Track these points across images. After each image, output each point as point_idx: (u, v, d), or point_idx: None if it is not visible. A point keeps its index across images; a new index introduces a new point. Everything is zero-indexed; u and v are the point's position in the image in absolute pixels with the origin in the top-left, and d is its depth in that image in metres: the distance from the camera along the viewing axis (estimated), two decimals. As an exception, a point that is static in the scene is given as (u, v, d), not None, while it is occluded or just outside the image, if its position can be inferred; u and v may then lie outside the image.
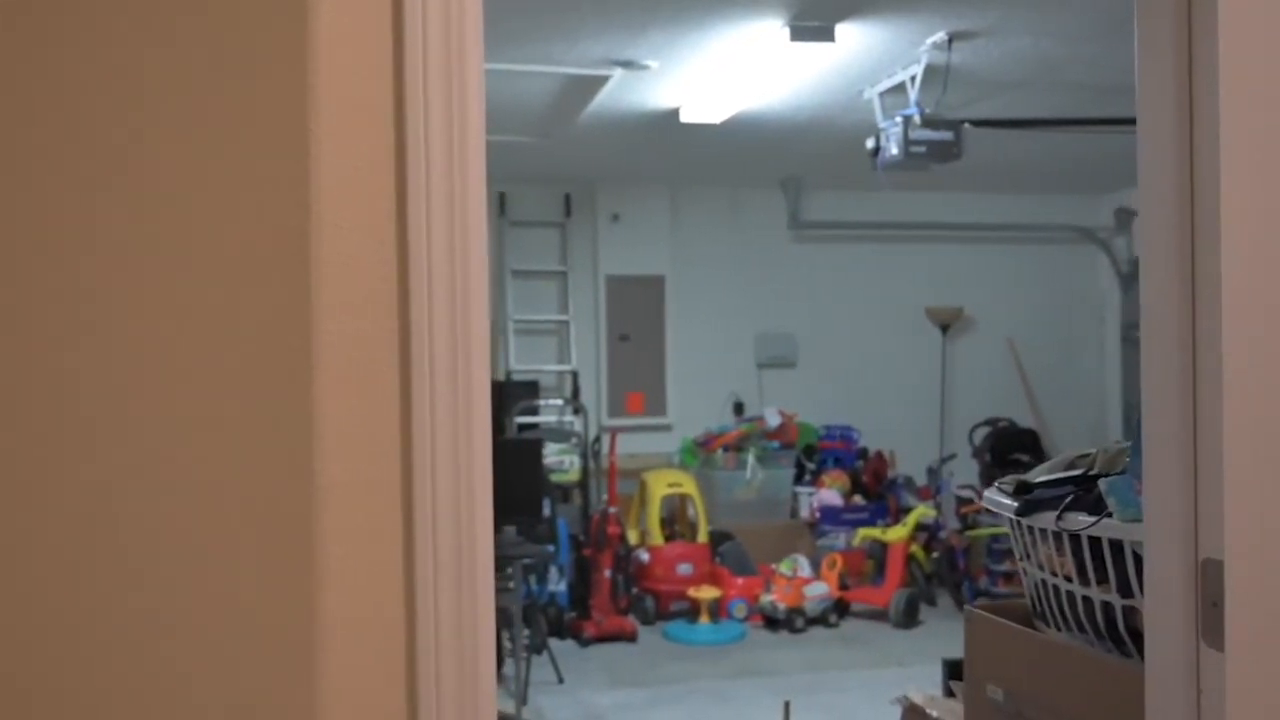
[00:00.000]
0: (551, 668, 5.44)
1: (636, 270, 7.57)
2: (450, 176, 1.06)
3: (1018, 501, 1.82)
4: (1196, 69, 1.32)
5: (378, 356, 1.08)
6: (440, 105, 1.08)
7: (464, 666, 1.06)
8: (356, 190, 1.07)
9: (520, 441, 5.17)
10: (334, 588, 1.06)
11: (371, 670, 1.07)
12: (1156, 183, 1.38)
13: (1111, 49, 4.44)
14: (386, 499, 1.07)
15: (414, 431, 1.06)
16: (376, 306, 1.08)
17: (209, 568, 1.06)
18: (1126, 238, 8.13)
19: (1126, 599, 1.65)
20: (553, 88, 4.87)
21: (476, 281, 1.08)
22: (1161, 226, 1.37)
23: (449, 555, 1.06)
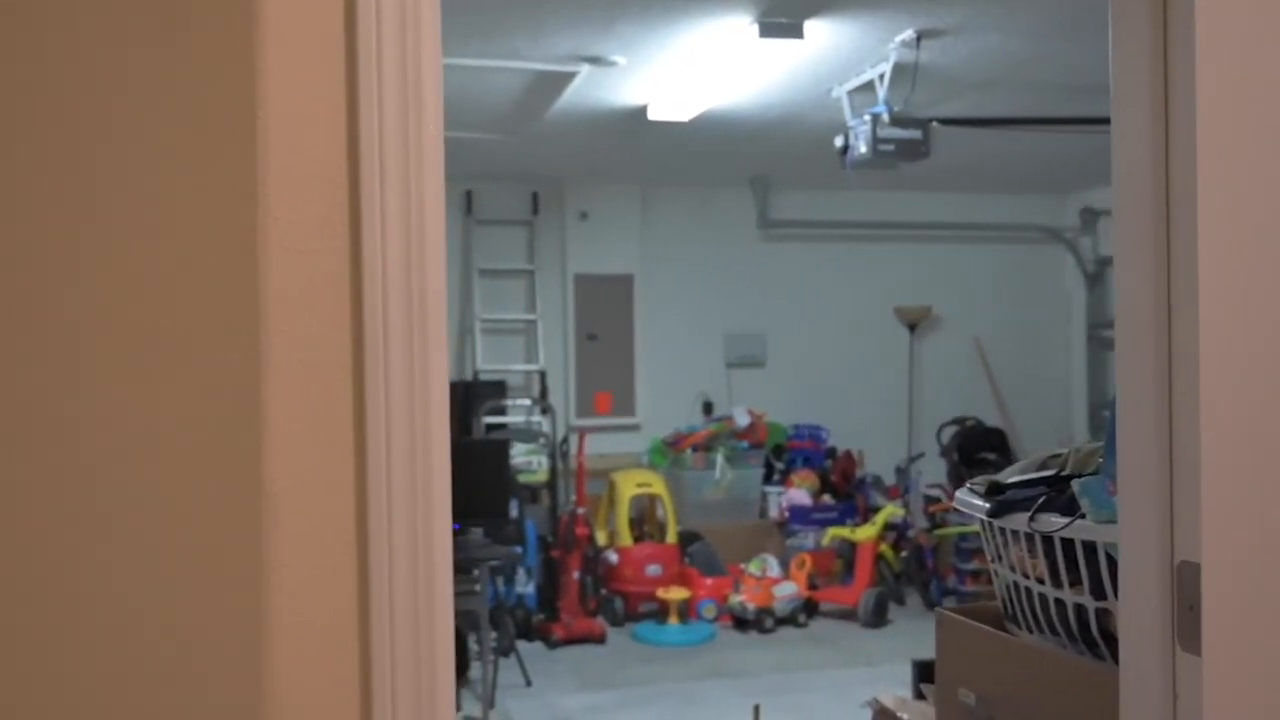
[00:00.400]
0: (519, 670, 5.39)
1: (605, 269, 7.52)
2: (406, 167, 1.02)
3: (990, 503, 1.80)
4: (1171, 64, 1.30)
5: (330, 357, 1.03)
6: (395, 95, 1.03)
7: (420, 677, 1.01)
8: (306, 184, 1.02)
9: (486, 442, 5.12)
10: (284, 596, 1.01)
11: (324, 680, 1.02)
12: (1131, 180, 1.36)
13: (1079, 48, 4.45)
14: (340, 504, 1.03)
15: (368, 434, 1.02)
16: (329, 305, 1.03)
17: (152, 577, 1.01)
18: (1092, 237, 8.19)
19: (1099, 601, 1.63)
20: (519, 84, 4.81)
21: (434, 279, 1.04)
22: (1136, 224, 1.35)
23: (405, 562, 1.02)
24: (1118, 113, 1.37)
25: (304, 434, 1.01)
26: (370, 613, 1.02)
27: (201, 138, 1.01)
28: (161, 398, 1.00)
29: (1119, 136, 1.37)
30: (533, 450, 6.74)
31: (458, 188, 7.30)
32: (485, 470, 4.60)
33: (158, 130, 1.01)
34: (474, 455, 4.66)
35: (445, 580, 1.04)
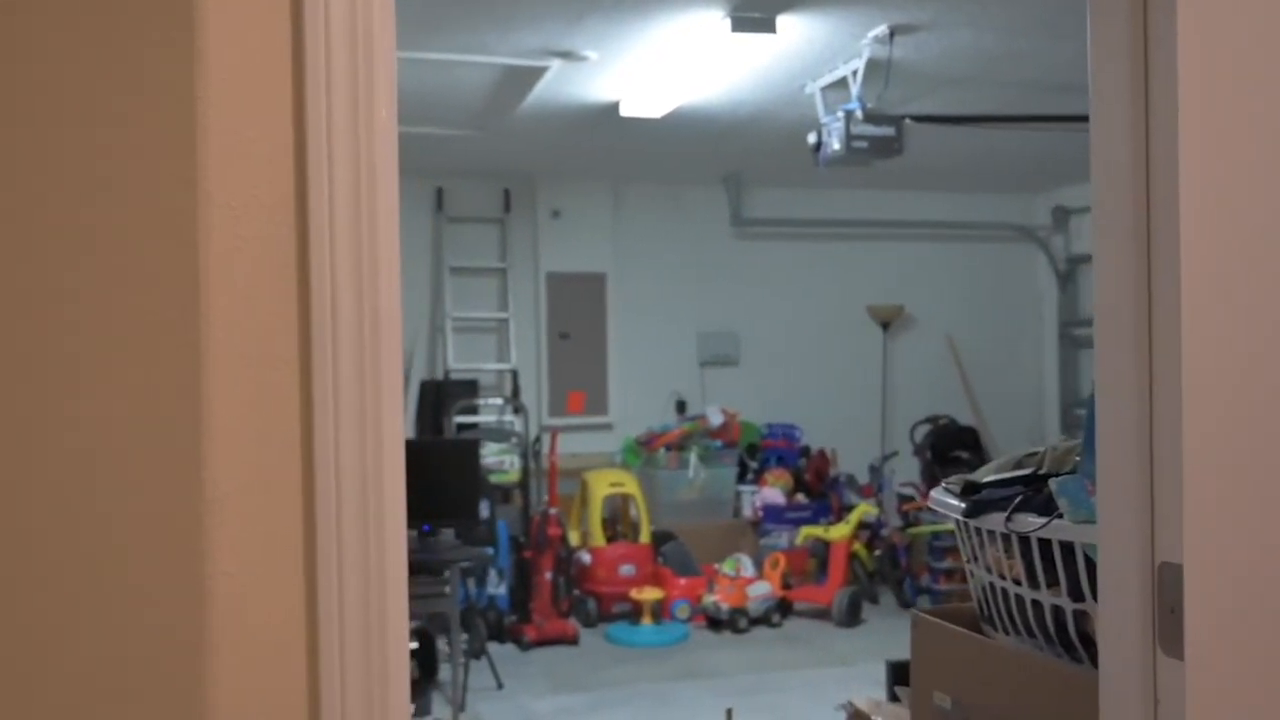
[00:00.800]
0: (491, 672, 5.33)
1: (577, 267, 7.47)
2: (356, 152, 0.96)
3: (965, 502, 1.76)
4: (1152, 57, 1.26)
5: (276, 352, 0.97)
6: (344, 75, 0.98)
7: (372, 691, 0.96)
8: (250, 169, 0.97)
9: (455, 442, 5.06)
10: (227, 606, 0.95)
11: (269, 695, 0.96)
12: (1110, 174, 1.32)
13: (1052, 45, 4.44)
14: (286, 509, 0.97)
15: (315, 435, 0.96)
16: (275, 298, 0.97)
17: (84, 587, 0.95)
18: (1064, 236, 8.21)
19: (1078, 603, 1.59)
20: (489, 79, 4.75)
21: (388, 270, 0.99)
22: (1115, 221, 1.31)
23: (355, 571, 0.97)
24: (1097, 106, 1.34)
25: (248, 434, 0.96)
26: (319, 624, 0.96)
27: (137, 119, 0.96)
28: (95, 395, 0.94)
29: (1098, 129, 1.34)
30: (505, 450, 6.67)
31: (428, 184, 7.23)
32: (455, 470, 4.54)
33: (89, 110, 0.95)
34: (443, 455, 4.59)
35: (399, 589, 0.99)
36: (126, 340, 0.95)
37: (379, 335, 0.98)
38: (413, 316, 7.22)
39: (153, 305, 0.95)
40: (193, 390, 0.95)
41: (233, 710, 0.95)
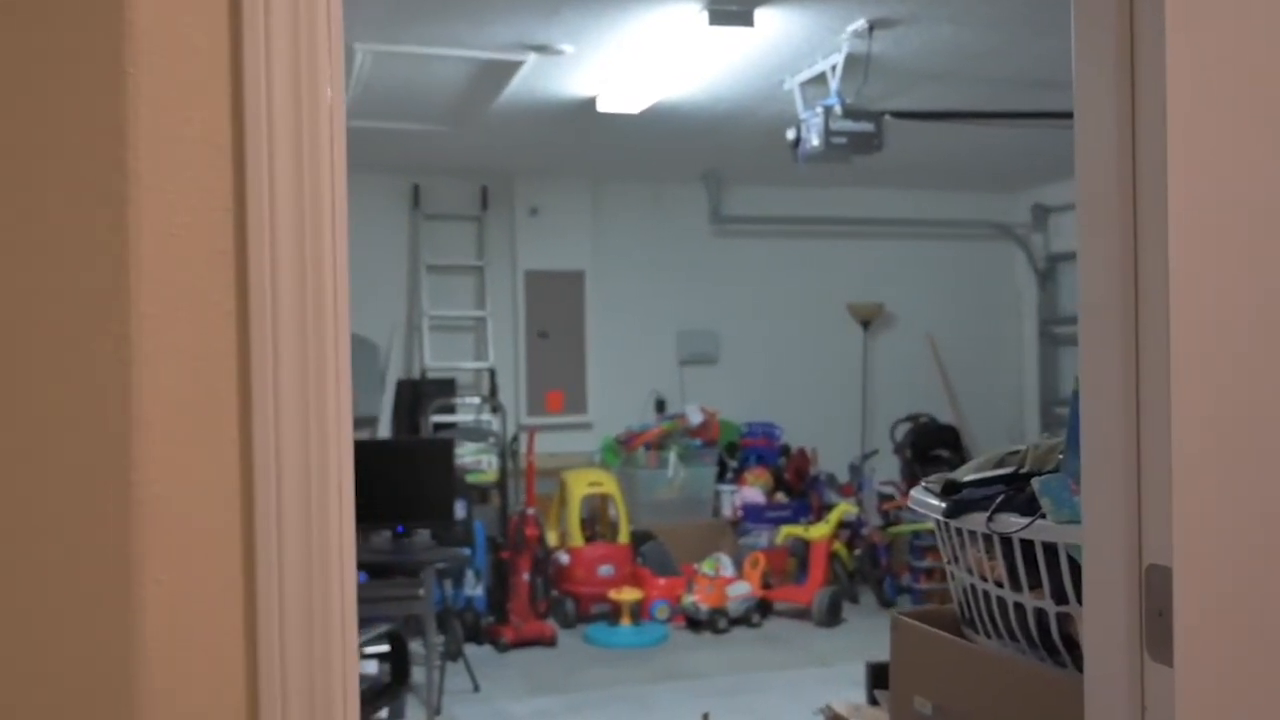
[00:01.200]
0: (467, 675, 5.26)
1: (556, 265, 7.40)
2: (299, 130, 0.90)
3: (945, 502, 1.71)
4: (1138, 51, 1.21)
5: (212, 345, 0.91)
6: (285, 50, 0.91)
7: (315, 711, 0.90)
8: (183, 150, 0.90)
9: (429, 441, 4.98)
10: (158, 619, 0.89)
11: (205, 716, 0.90)
12: (1095, 171, 1.28)
13: (1033, 41, 4.41)
14: (223, 511, 0.91)
15: (255, 432, 0.90)
16: (210, 287, 0.91)
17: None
18: (1043, 234, 8.20)
19: (1061, 606, 1.55)
20: (463, 73, 4.68)
21: (332, 256, 0.92)
22: (1101, 216, 1.26)
23: (298, 578, 0.90)
24: (1081, 102, 1.29)
25: (181, 430, 0.90)
26: (258, 638, 0.90)
27: (61, 96, 0.89)
28: (14, 388, 0.88)
29: (1083, 125, 1.29)
30: (482, 450, 6.60)
31: (404, 181, 7.16)
32: (429, 471, 4.47)
33: (8, 87, 0.89)
34: (417, 455, 4.52)
35: (348, 597, 0.92)
36: (50, 330, 0.88)
37: (324, 325, 0.92)
38: (389, 315, 7.15)
39: (78, 294, 0.89)
40: (121, 383, 0.88)
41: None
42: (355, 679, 0.94)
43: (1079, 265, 1.32)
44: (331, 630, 0.91)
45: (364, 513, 3.85)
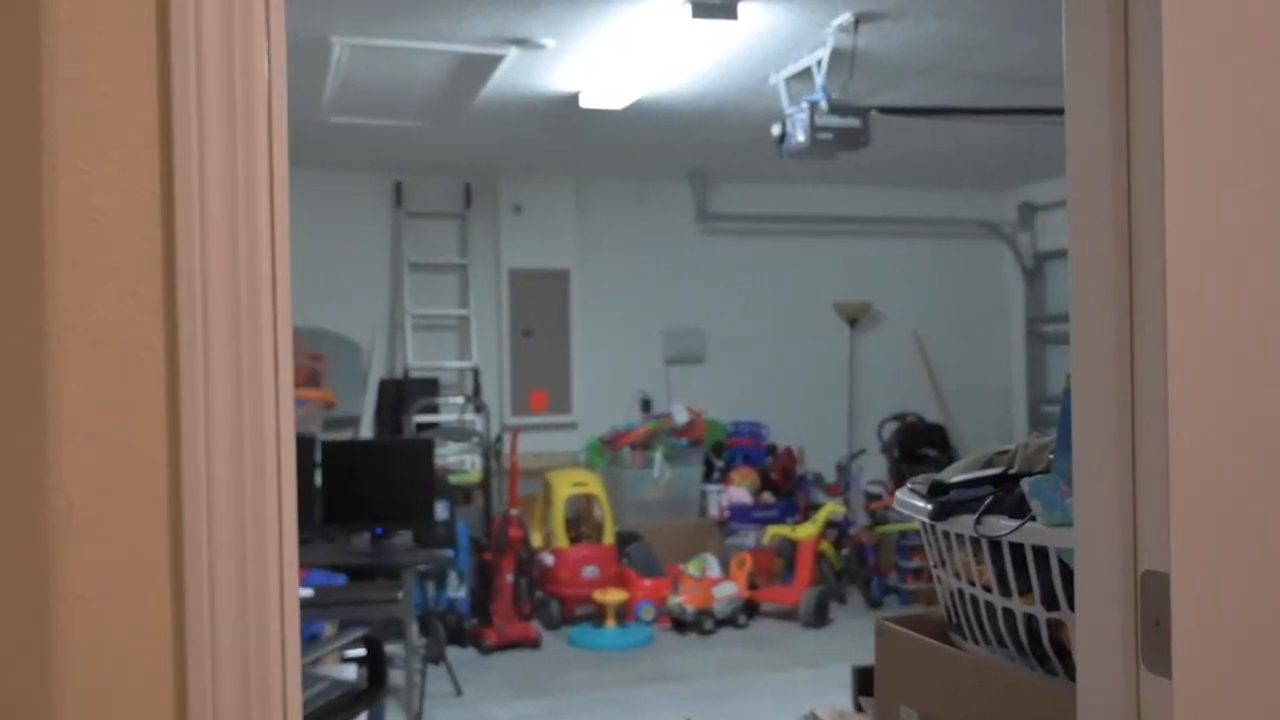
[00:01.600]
0: (449, 678, 5.19)
1: (540, 263, 7.33)
2: (231, 106, 0.83)
3: (932, 504, 1.65)
4: (1133, 44, 1.15)
5: (137, 339, 0.84)
6: (218, 27, 0.84)
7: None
8: (105, 127, 0.83)
9: (409, 442, 4.91)
10: (78, 638, 0.82)
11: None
12: (1088, 168, 1.22)
13: (1020, 35, 4.35)
14: (149, 521, 0.84)
15: (184, 437, 0.83)
16: (136, 277, 0.84)
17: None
18: (1031, 232, 8.17)
19: (1052, 612, 1.49)
20: (444, 67, 4.61)
21: (267, 243, 0.85)
22: (1094, 211, 1.20)
23: (231, 593, 0.83)
24: (1073, 97, 1.23)
25: (103, 434, 0.83)
26: (188, 659, 0.83)
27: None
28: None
29: (1074, 121, 1.23)
30: (465, 450, 6.52)
31: (387, 179, 7.08)
32: (408, 471, 4.39)
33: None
34: (396, 456, 4.45)
35: (288, 613, 0.85)
36: (-44, 325, 0.81)
37: (260, 317, 0.85)
38: (371, 314, 7.07)
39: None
40: (37, 383, 0.81)
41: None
42: (298, 701, 0.87)
43: (1071, 262, 1.26)
44: (268, 652, 0.84)
45: (342, 514, 3.77)
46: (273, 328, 0.86)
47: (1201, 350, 1.11)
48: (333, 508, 4.31)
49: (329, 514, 4.32)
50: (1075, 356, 1.24)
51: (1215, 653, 1.10)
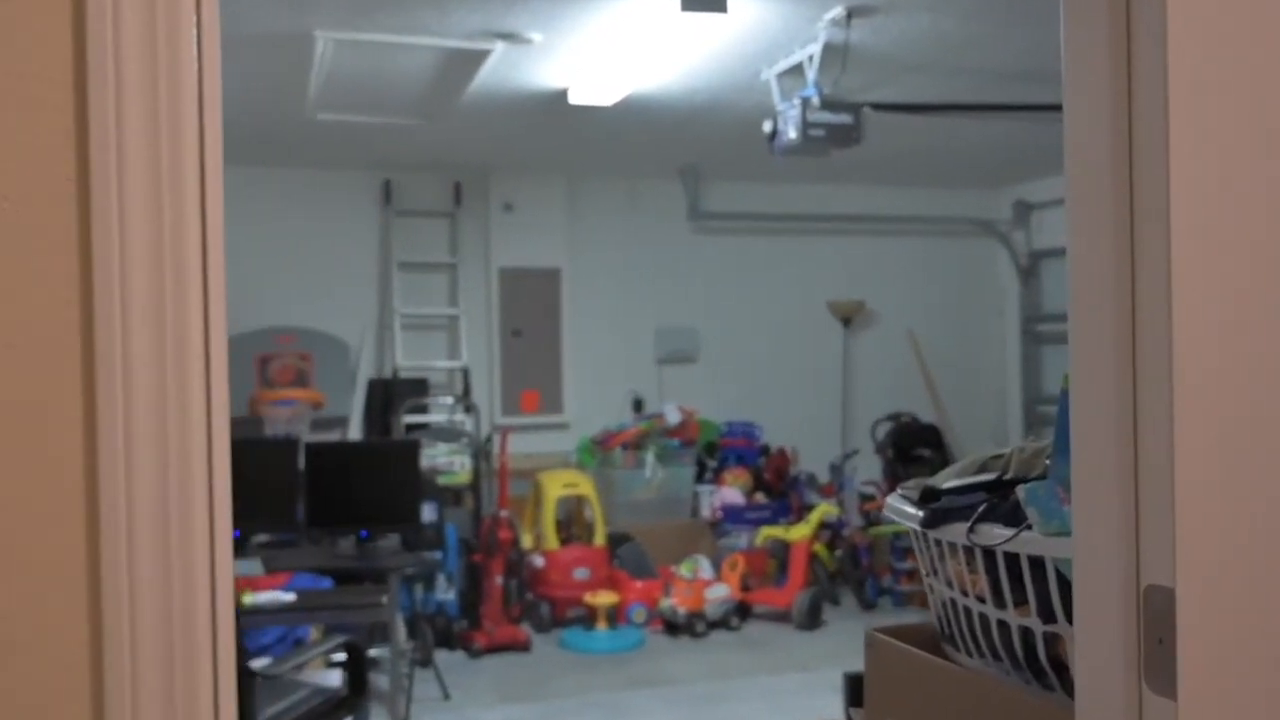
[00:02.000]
0: (437, 683, 5.11)
1: (531, 262, 7.26)
2: (154, 78, 0.76)
3: (923, 511, 1.58)
4: (1135, 33, 1.09)
5: (49, 335, 0.77)
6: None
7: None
8: (11, 105, 0.76)
9: (394, 444, 4.83)
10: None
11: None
12: (1086, 164, 1.15)
13: (1014, 30, 4.29)
14: (64, 530, 0.77)
15: (100, 443, 0.76)
16: (48, 270, 0.77)
17: None
18: (1025, 231, 8.11)
19: (1049, 625, 1.42)
20: (430, 63, 4.53)
21: (198, 224, 0.78)
22: (1095, 207, 1.14)
23: (153, 609, 0.76)
24: (1071, 90, 1.17)
25: (13, 440, 0.75)
26: (105, 687, 0.76)
27: None
28: None
29: (1073, 115, 1.17)
30: (455, 450, 6.45)
31: (375, 177, 7.00)
32: (394, 473, 4.32)
33: None
34: (380, 458, 4.37)
35: (221, 636, 0.78)
36: None
37: (187, 315, 0.78)
38: (360, 313, 7.00)
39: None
40: (-61, 388, 0.74)
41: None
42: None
43: (1069, 260, 1.19)
44: (201, 675, 0.77)
45: (327, 517, 3.69)
46: (202, 324, 0.79)
47: (1208, 351, 1.04)
48: (317, 510, 4.24)
49: (313, 516, 4.25)
50: (1074, 357, 1.18)
51: (1222, 673, 1.03)
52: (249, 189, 6.78)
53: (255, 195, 6.80)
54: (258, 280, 6.78)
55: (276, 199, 6.83)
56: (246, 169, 6.75)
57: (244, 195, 6.77)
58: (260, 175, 6.79)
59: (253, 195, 6.79)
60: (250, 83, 4.79)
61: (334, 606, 3.99)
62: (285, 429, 6.23)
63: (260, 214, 6.80)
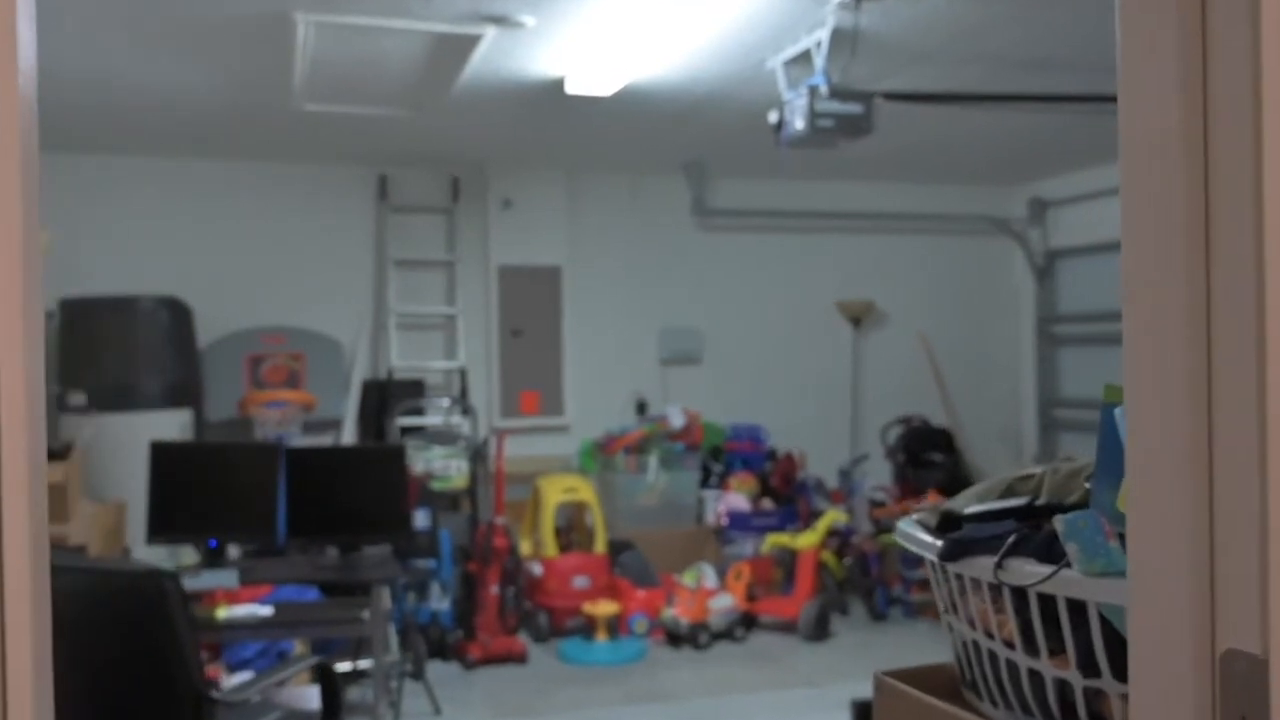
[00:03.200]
0: (428, 696, 4.91)
1: (530, 260, 7.06)
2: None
3: (942, 540, 1.37)
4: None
5: None
6: None
7: None
8: None
9: (379, 449, 4.62)
10: None
11: None
12: (1149, 143, 0.94)
13: (1032, 12, 4.06)
14: None
15: None
16: None
17: None
18: (1041, 229, 7.87)
19: (1090, 679, 1.20)
20: (418, 49, 4.32)
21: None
22: (1159, 196, 0.93)
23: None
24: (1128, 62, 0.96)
25: None
26: None
27: None
28: None
29: (1131, 84, 0.95)
30: (451, 454, 6.24)
31: (370, 172, 6.81)
32: (381, 480, 4.11)
33: None
34: (365, 464, 4.16)
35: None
36: None
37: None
38: (354, 312, 6.80)
39: None
40: None
41: None
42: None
43: (1124, 255, 0.97)
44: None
45: (310, 526, 3.48)
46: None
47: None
48: (299, 519, 4.03)
49: (295, 526, 4.04)
50: (1130, 364, 0.96)
51: (1329, 767, 0.81)
52: (236, 184, 6.59)
53: (244, 191, 6.61)
54: (249, 279, 6.59)
55: (267, 195, 6.64)
56: (232, 163, 6.56)
57: (232, 191, 6.59)
58: (248, 170, 6.60)
59: (241, 191, 6.60)
60: (231, 71, 4.60)
61: (313, 621, 3.78)
62: (276, 431, 6.04)
63: (251, 210, 6.62)
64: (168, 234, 6.45)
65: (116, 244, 6.35)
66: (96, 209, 6.33)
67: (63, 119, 5.44)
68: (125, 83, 4.77)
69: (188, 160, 6.46)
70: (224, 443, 5.63)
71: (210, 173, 6.53)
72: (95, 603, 2.53)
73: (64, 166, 6.26)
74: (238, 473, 4.05)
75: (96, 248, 6.29)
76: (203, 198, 6.53)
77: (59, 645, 2.63)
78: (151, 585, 2.47)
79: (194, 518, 4.01)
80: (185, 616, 2.50)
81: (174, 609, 2.47)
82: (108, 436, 5.52)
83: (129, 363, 5.83)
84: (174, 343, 5.99)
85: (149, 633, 2.48)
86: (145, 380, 5.84)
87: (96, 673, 2.54)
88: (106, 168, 6.36)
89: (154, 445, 4.07)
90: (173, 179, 6.47)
